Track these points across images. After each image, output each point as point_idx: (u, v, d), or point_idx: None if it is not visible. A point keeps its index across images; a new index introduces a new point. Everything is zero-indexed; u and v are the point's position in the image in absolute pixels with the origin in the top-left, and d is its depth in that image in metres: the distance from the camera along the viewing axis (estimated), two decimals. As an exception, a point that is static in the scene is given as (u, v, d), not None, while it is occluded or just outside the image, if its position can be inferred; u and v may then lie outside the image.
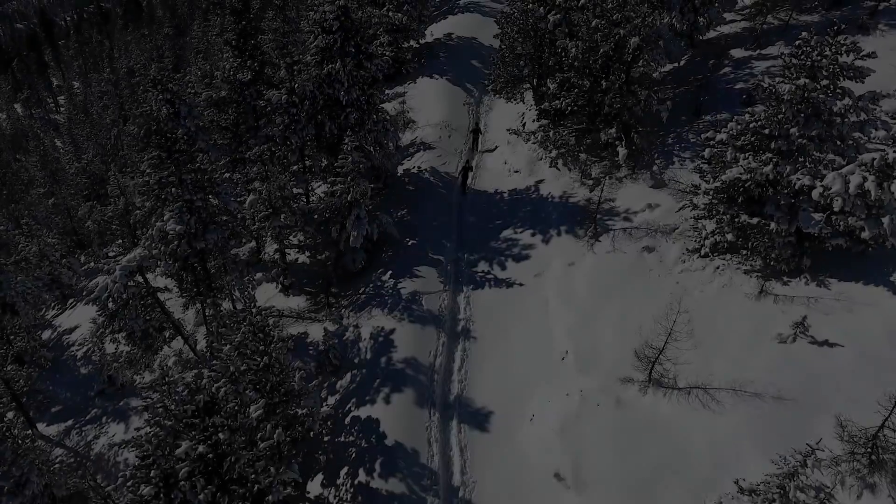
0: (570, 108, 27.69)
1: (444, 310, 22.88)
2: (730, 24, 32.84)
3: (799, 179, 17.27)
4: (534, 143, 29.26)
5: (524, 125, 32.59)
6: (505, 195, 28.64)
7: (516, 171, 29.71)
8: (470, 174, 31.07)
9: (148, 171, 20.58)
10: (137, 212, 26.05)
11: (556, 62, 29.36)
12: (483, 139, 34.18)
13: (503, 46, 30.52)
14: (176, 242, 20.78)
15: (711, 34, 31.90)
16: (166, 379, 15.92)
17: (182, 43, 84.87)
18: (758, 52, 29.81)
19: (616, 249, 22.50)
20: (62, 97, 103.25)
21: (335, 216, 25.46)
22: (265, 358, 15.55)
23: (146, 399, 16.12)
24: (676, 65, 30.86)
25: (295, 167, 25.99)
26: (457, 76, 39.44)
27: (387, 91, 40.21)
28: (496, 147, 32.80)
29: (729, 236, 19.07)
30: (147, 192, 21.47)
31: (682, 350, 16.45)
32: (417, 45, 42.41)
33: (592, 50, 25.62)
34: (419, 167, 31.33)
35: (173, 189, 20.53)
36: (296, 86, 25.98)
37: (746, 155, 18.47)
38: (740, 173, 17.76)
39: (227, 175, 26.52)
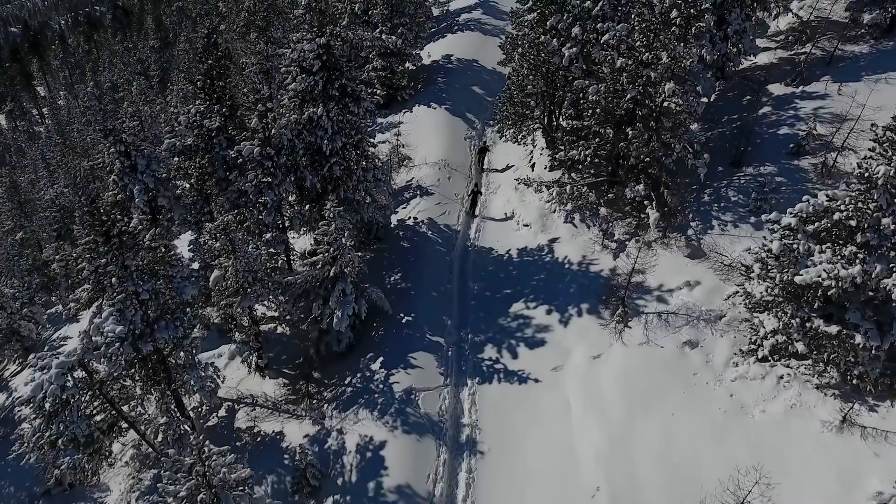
0: (588, 158, 24.00)
1: (445, 413, 19.13)
2: (765, 53, 29.12)
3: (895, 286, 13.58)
4: (547, 200, 25.44)
5: (533, 167, 28.89)
6: (514, 255, 24.91)
7: (526, 226, 25.93)
8: (479, 199, 28.11)
9: (82, 258, 16.83)
10: (72, 305, 22.28)
11: (571, 102, 25.67)
12: (490, 158, 31.32)
13: (510, 85, 26.76)
14: (117, 345, 17.04)
15: (744, 63, 28.20)
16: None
17: (168, 56, 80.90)
18: (801, 88, 26.09)
19: (650, 342, 18.77)
20: (46, 108, 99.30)
21: (316, 288, 21.81)
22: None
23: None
24: (706, 100, 27.07)
25: (269, 235, 22.17)
26: (457, 105, 35.69)
27: (380, 121, 36.61)
28: (507, 167, 30.06)
29: (799, 345, 15.34)
30: (83, 280, 17.70)
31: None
32: (414, 68, 38.61)
33: (617, 94, 21.91)
34: (415, 218, 27.58)
35: (114, 279, 16.75)
36: (271, 134, 22.24)
37: (823, 248, 14.74)
38: (821, 277, 14.02)
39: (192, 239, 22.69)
